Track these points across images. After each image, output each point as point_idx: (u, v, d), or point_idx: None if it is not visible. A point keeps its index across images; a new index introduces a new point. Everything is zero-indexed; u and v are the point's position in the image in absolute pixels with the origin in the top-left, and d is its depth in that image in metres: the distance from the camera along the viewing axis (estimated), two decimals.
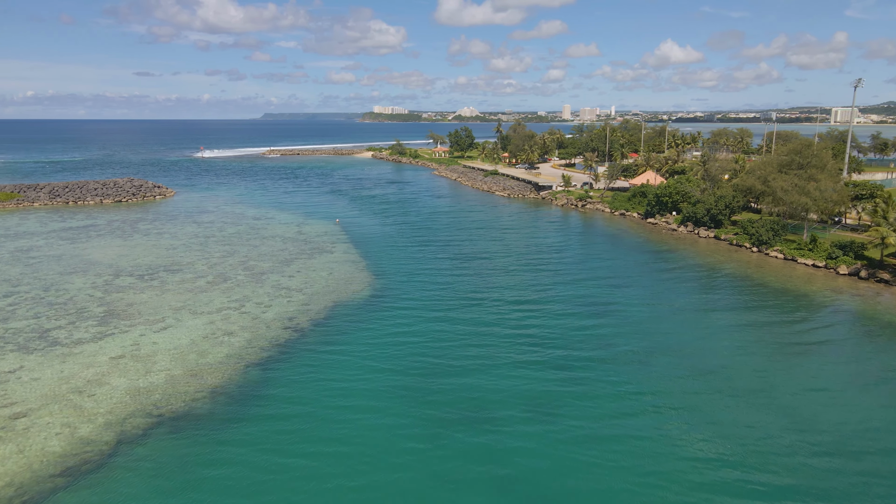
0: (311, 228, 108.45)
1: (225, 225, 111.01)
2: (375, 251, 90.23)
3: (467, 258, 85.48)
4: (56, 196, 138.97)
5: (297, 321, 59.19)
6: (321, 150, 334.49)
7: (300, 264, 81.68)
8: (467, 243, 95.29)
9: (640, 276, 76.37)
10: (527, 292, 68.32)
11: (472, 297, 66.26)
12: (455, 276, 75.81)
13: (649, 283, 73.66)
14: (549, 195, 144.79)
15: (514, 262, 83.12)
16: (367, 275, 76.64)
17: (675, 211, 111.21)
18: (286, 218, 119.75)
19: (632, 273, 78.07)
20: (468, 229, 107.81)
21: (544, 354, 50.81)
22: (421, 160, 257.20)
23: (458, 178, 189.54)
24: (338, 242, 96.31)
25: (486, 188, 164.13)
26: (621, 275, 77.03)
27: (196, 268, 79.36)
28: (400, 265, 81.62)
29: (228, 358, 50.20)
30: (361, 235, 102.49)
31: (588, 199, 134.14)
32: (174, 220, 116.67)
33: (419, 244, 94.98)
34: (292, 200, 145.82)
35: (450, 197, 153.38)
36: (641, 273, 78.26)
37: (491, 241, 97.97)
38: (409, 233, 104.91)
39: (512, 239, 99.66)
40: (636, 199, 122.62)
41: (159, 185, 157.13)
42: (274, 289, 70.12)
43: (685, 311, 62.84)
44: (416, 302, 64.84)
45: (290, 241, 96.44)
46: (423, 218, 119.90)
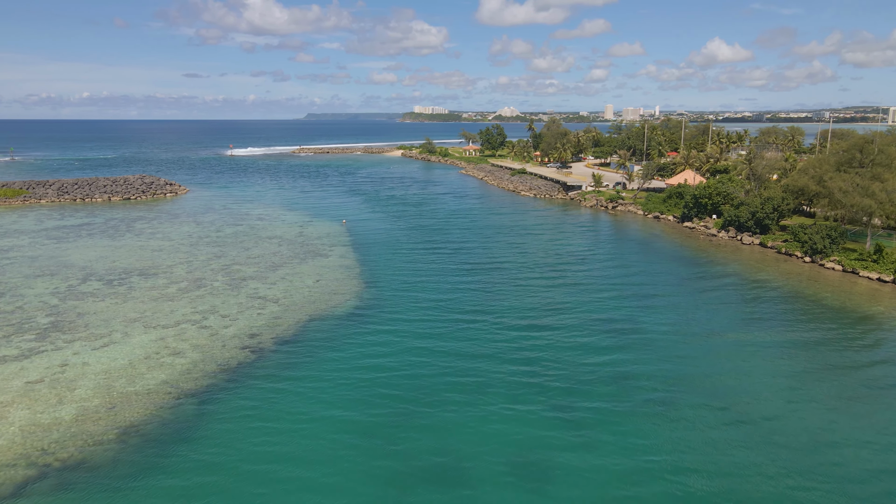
0: (314, 230, 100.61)
1: (225, 225, 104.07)
2: (375, 256, 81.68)
3: (476, 267, 76.14)
4: (64, 193, 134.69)
5: (260, 339, 50.90)
6: (351, 149, 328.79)
7: (288, 270, 73.64)
8: (480, 249, 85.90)
9: (671, 292, 65.89)
10: (536, 311, 58.64)
11: (471, 317, 56.93)
12: (457, 288, 66.58)
13: (682, 299, 63.18)
14: (577, 196, 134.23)
15: (528, 273, 73.42)
16: (357, 284, 68.07)
17: (716, 214, 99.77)
18: (292, 218, 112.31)
19: (662, 287, 67.61)
20: (484, 233, 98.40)
21: (544, 394, 41.27)
22: (450, 159, 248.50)
23: (485, 178, 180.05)
24: (337, 245, 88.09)
25: (512, 188, 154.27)
26: (650, 290, 66.68)
27: (173, 272, 72.05)
28: (398, 274, 72.84)
29: (162, 385, 42.11)
30: (366, 238, 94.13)
31: (619, 200, 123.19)
32: (175, 219, 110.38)
33: (426, 249, 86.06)
34: (305, 199, 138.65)
35: (472, 197, 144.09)
36: (673, 287, 67.73)
37: (507, 247, 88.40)
38: (418, 236, 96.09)
39: (531, 245, 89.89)
40: (672, 200, 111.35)
41: (172, 182, 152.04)
42: (248, 298, 62.11)
43: (722, 337, 52.36)
44: (405, 320, 55.88)
45: (287, 244, 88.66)
46: (438, 220, 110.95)
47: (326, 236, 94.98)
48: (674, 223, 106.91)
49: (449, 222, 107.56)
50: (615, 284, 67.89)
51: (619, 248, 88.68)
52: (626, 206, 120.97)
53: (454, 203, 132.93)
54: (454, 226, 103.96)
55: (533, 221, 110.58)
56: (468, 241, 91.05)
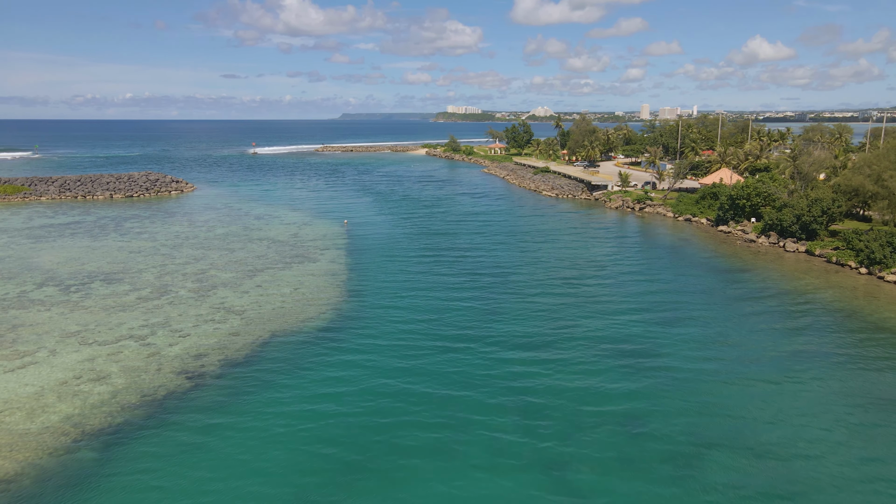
0: (311, 231, 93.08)
1: (218, 225, 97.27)
2: (369, 262, 73.63)
3: (479, 278, 67.41)
4: (66, 190, 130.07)
5: (205, 361, 43.15)
6: (376, 147, 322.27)
7: (267, 276, 66.02)
8: (487, 257, 77.05)
9: (701, 310, 56.28)
10: (539, 337, 49.68)
11: (460, 343, 48.26)
12: (452, 305, 57.95)
13: (713, 317, 53.60)
14: (602, 196, 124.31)
15: (537, 287, 64.44)
16: (338, 295, 60.02)
17: (755, 217, 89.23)
18: (292, 217, 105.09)
19: (691, 305, 58.00)
20: (495, 238, 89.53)
21: (534, 448, 32.55)
22: (474, 157, 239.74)
23: (507, 176, 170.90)
24: (331, 249, 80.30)
25: (533, 187, 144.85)
26: (676, 308, 57.16)
27: (141, 277, 65.04)
28: (389, 284, 64.62)
29: (64, 423, 34.58)
30: (364, 241, 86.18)
31: (648, 200, 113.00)
32: (169, 217, 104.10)
33: (428, 256, 77.66)
34: (313, 198, 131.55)
35: (490, 197, 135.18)
36: (704, 305, 58.07)
37: (518, 254, 79.46)
38: (422, 241, 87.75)
39: (545, 252, 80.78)
40: (705, 201, 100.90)
41: (178, 179, 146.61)
42: (211, 309, 54.55)
43: (763, 371, 42.80)
44: (380, 346, 47.56)
45: (277, 246, 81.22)
46: (448, 223, 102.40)
47: (322, 238, 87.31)
48: (707, 227, 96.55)
49: (459, 225, 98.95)
50: (636, 301, 58.49)
51: (644, 255, 78.96)
52: (654, 208, 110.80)
53: (469, 204, 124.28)
54: (464, 229, 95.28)
55: (551, 224, 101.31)
56: (476, 247, 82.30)
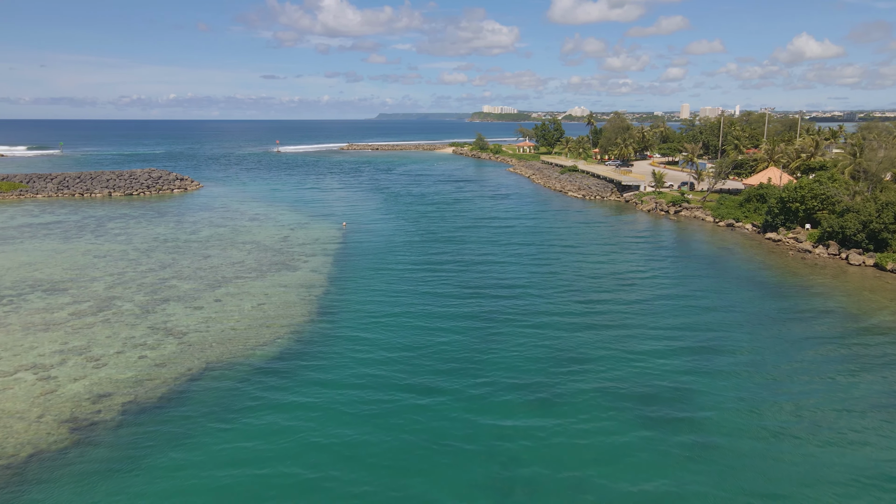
0: (303, 234, 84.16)
1: (206, 226, 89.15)
2: (356, 273, 64.23)
3: (481, 296, 57.29)
4: (64, 187, 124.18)
5: (105, 406, 34.17)
6: (402, 146, 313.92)
7: (232, 288, 57.10)
8: (496, 269, 66.76)
9: (745, 340, 45.27)
10: (543, 373, 39.53)
11: (442, 381, 38.44)
12: (442, 330, 48.06)
13: (761, 347, 42.63)
14: (634, 198, 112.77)
15: (549, 307, 54.09)
16: (307, 313, 50.68)
17: (810, 223, 77.11)
18: (289, 218, 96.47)
19: (733, 333, 46.98)
20: (509, 246, 79.15)
21: None
22: (501, 156, 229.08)
23: (532, 176, 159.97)
24: (318, 255, 71.15)
25: (559, 187, 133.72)
26: (714, 336, 46.24)
27: (88, 288, 56.75)
28: (371, 300, 55.06)
29: None
30: (359, 247, 76.88)
31: (684, 203, 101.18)
32: (158, 217, 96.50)
33: (427, 266, 67.86)
34: (320, 197, 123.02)
35: (511, 198, 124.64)
36: (749, 333, 46.99)
37: (532, 265, 69.07)
38: (425, 247, 78.03)
39: (563, 263, 70.24)
40: (751, 204, 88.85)
41: (183, 177, 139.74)
42: (148, 331, 45.72)
43: (823, 414, 31.83)
44: (342, 380, 38.07)
45: (259, 251, 72.46)
46: (459, 226, 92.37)
47: (313, 242, 78.26)
48: (753, 234, 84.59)
49: (470, 231, 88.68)
50: (669, 333, 47.66)
51: (679, 269, 67.71)
52: (691, 211, 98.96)
53: (487, 205, 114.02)
54: (474, 236, 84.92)
55: (574, 230, 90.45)
56: (483, 258, 71.98)
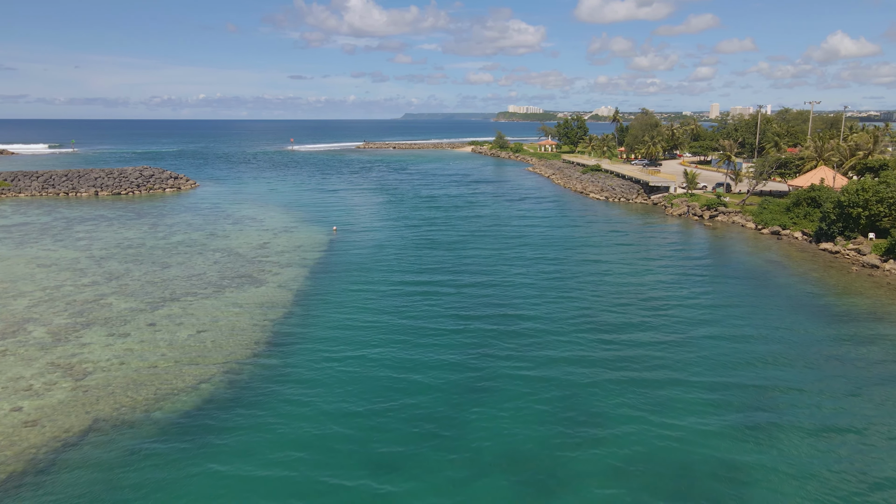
0: (286, 240, 74.67)
1: (182, 230, 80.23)
2: (331, 289, 54.42)
3: (474, 324, 47.04)
4: (50, 186, 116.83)
5: None
6: (419, 144, 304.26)
7: (177, 308, 47.64)
8: (500, 289, 56.01)
9: (802, 381, 34.26)
10: (539, 433, 29.25)
11: (416, 448, 28.40)
12: (418, 370, 37.96)
13: (823, 407, 31.66)
14: (663, 200, 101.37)
15: (557, 341, 43.59)
16: (253, 345, 40.92)
17: (875, 232, 65.34)
18: (277, 222, 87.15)
19: (785, 373, 36.00)
20: (518, 259, 68.58)
21: None
22: (521, 155, 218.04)
23: (552, 176, 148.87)
24: (293, 266, 61.49)
25: (580, 188, 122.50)
26: (764, 376, 35.34)
27: (8, 307, 47.81)
28: (340, 326, 45.16)
29: None
30: (344, 256, 67.15)
31: (721, 206, 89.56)
32: (134, 220, 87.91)
33: (419, 283, 57.75)
34: (318, 198, 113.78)
35: (527, 200, 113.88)
36: (811, 370, 35.94)
37: (543, 284, 58.49)
38: (420, 258, 67.97)
39: (578, 280, 59.59)
40: (800, 209, 77.13)
41: (178, 175, 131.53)
42: (48, 367, 36.37)
43: None
44: (277, 450, 28.24)
45: (228, 260, 63.10)
46: (465, 234, 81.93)
47: (294, 250, 68.70)
48: (803, 243, 72.94)
49: (477, 239, 78.12)
50: (706, 374, 36.84)
51: (718, 287, 56.54)
52: (729, 216, 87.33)
53: (499, 210, 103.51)
54: (481, 246, 74.25)
55: (595, 239, 79.58)
56: (487, 275, 61.27)
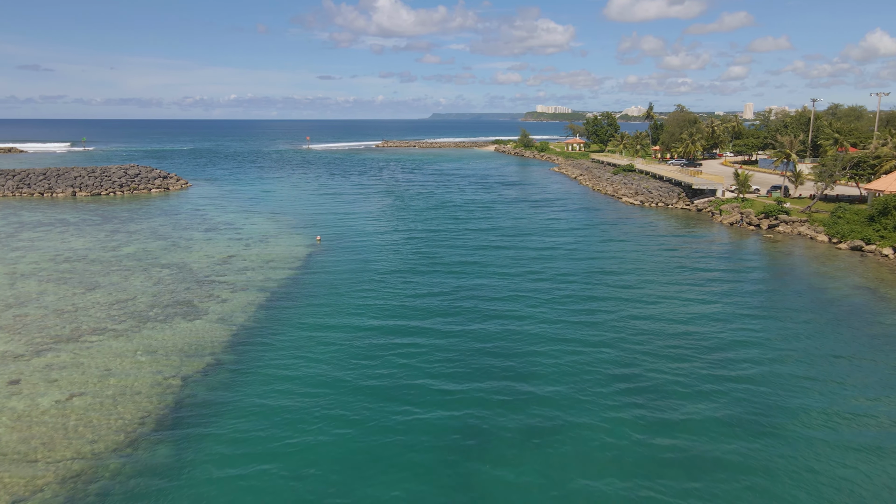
0: (256, 253, 62.37)
1: (141, 239, 68.62)
2: (287, 325, 41.83)
3: (472, 390, 34.06)
4: (25, 185, 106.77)
5: None
6: (440, 143, 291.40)
7: (69, 353, 35.46)
8: (509, 325, 42.90)
9: None
10: None
11: None
12: (388, 471, 25.08)
13: None
14: (709, 206, 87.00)
15: (579, 407, 30.41)
16: (147, 419, 28.47)
17: None
18: (255, 229, 75.07)
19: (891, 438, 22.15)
20: (535, 283, 55.28)
21: None
22: (547, 154, 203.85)
23: (579, 177, 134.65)
24: (249, 290, 49.07)
25: (611, 191, 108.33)
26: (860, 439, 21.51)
27: None
28: (285, 394, 32.48)
29: None
30: (319, 276, 54.60)
31: (782, 215, 75.01)
32: (96, 225, 76.68)
33: (403, 318, 44.91)
34: (314, 201, 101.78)
35: (552, 205, 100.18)
36: None
37: (563, 320, 45.17)
38: (415, 282, 55.11)
39: (609, 312, 46.10)
40: (889, 219, 62.37)
41: (168, 174, 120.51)
42: None
43: None
44: None
45: (175, 280, 51.02)
46: (474, 247, 68.66)
47: (260, 267, 56.33)
48: (894, 262, 58.27)
49: (487, 255, 64.59)
50: (791, 476, 23.29)
51: (790, 325, 42.49)
52: (793, 226, 72.75)
53: (519, 216, 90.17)
54: (491, 264, 60.47)
55: (629, 255, 65.79)
56: (494, 309, 47.83)
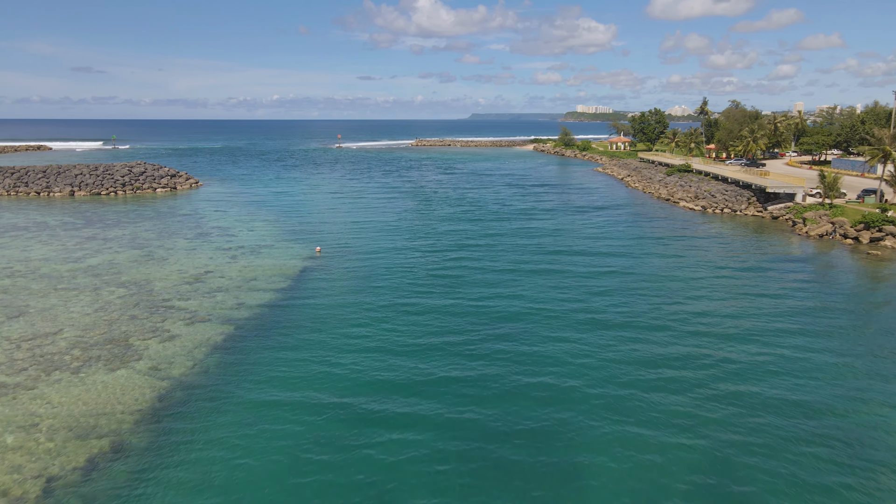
0: (241, 267, 51.70)
1: (111, 248, 58.85)
2: (244, 383, 30.70)
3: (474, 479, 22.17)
4: (23, 184, 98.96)
5: None
6: (476, 142, 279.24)
7: None
8: (538, 401, 31.31)
9: None
10: None
11: None
12: None
13: None
14: (786, 213, 73.27)
15: None
16: None
17: None
18: (249, 237, 64.64)
19: None
20: (584, 326, 43.26)
21: None
22: (590, 153, 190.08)
23: (628, 178, 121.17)
24: (213, 320, 38.24)
25: (665, 195, 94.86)
26: None
27: None
28: (214, 493, 21.11)
29: None
30: (305, 303, 43.57)
31: (888, 225, 60.99)
32: (76, 229, 67.41)
33: (398, 389, 33.52)
34: (325, 205, 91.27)
35: (599, 211, 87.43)
36: None
37: (589, 369, 33.10)
38: (422, 322, 43.66)
39: (682, 364, 33.78)
40: None
41: (178, 173, 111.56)
42: None
43: None
44: None
45: (125, 304, 40.63)
46: (506, 267, 56.68)
47: (238, 287, 45.58)
48: None
49: (523, 278, 52.76)
50: None
51: None
52: None
53: (563, 222, 77.91)
54: (527, 289, 48.73)
55: (697, 277, 53.00)
56: (532, 358, 36.43)
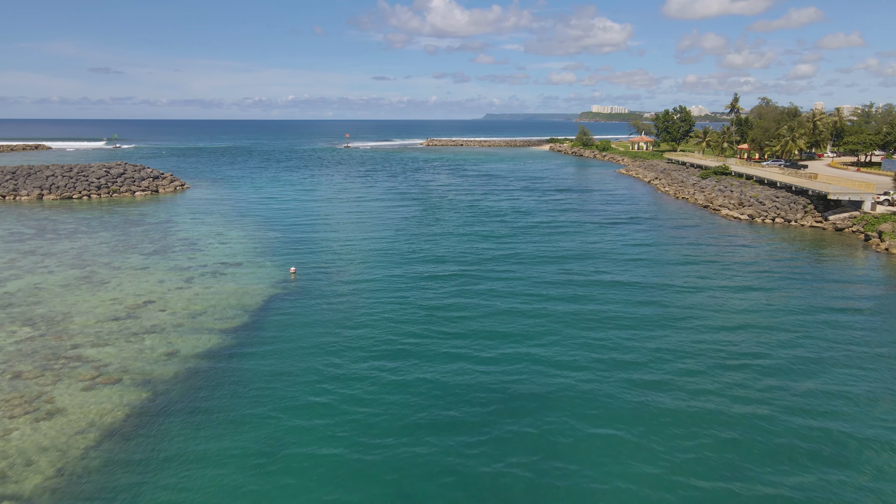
0: (192, 294, 41.69)
1: (44, 269, 49.14)
2: (163, 472, 20.31)
3: None
4: None
5: None
6: (490, 142, 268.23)
7: None
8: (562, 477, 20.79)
9: None
10: None
11: None
12: None
13: None
14: (853, 224, 62.01)
15: None
16: None
17: None
18: (215, 253, 54.64)
19: None
20: (621, 384, 32.71)
21: None
22: (610, 153, 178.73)
23: (655, 181, 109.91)
24: (121, 382, 28.16)
25: (703, 201, 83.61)
26: None
27: None
28: None
29: None
30: (256, 350, 33.32)
31: None
32: (10, 243, 57.81)
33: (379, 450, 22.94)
34: (315, 212, 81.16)
35: (627, 221, 76.51)
36: None
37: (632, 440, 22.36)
38: (409, 382, 33.26)
39: (740, 433, 22.91)
40: None
41: (162, 174, 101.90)
42: None
43: None
44: None
45: (20, 352, 30.78)
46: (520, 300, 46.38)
47: (177, 327, 35.53)
48: None
49: (546, 306, 42.48)
50: None
51: None
52: None
53: (589, 235, 67.17)
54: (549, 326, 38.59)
55: (767, 317, 42.20)
56: (554, 426, 26.10)
